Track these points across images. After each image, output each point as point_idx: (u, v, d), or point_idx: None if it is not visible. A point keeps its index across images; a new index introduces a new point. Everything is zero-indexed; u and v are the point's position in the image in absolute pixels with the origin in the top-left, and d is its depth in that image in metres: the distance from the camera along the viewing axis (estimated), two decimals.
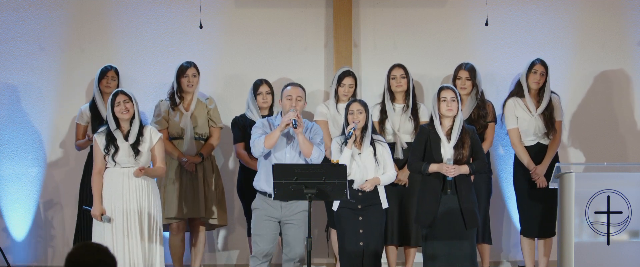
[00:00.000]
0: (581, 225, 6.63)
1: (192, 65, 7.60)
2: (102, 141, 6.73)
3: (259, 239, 6.67)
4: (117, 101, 6.72)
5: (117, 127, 6.73)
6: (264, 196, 6.69)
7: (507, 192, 8.14)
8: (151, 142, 6.79)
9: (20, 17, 8.17)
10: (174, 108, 7.56)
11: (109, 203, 6.69)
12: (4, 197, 8.16)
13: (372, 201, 6.74)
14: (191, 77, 7.56)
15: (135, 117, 6.75)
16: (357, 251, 6.68)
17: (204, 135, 7.61)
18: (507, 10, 8.22)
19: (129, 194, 6.71)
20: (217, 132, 7.67)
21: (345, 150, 6.69)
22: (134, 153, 6.71)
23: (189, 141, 7.51)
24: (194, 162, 7.47)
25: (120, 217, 6.67)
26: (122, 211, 6.68)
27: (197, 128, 7.56)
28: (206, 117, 7.62)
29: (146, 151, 6.77)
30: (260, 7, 8.21)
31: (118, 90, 6.83)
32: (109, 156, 6.71)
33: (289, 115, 6.54)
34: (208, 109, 7.64)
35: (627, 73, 8.25)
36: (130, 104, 6.72)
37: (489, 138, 7.55)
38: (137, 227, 6.68)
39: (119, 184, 6.71)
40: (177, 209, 7.42)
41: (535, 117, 7.50)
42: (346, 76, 7.48)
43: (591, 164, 8.05)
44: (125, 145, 6.72)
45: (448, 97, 6.70)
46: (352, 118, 6.73)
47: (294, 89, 6.73)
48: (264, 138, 6.56)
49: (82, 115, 7.64)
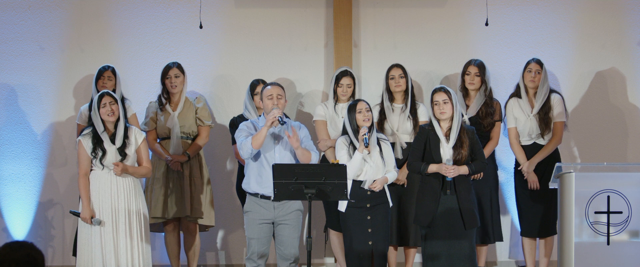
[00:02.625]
0: (581, 225, 6.63)
1: (175, 66, 7.59)
2: (88, 144, 6.71)
3: (253, 242, 6.67)
4: (103, 103, 6.71)
5: (104, 130, 6.73)
6: (255, 197, 6.68)
7: (507, 192, 8.14)
8: (136, 143, 6.80)
9: (20, 17, 8.17)
10: (162, 109, 7.56)
11: (98, 204, 6.70)
12: (4, 197, 8.16)
13: (381, 199, 6.76)
14: (173, 78, 7.55)
15: (121, 120, 6.75)
16: (366, 250, 6.69)
17: (191, 134, 7.60)
18: (507, 10, 8.22)
19: (118, 194, 6.72)
20: (206, 130, 7.65)
21: (356, 154, 6.68)
22: (121, 156, 6.71)
23: (176, 141, 7.51)
24: (179, 161, 7.47)
25: (109, 218, 6.68)
26: (110, 211, 6.69)
27: (184, 128, 7.55)
28: (194, 116, 7.61)
29: (132, 153, 6.78)
30: (260, 7, 8.21)
31: (104, 92, 6.82)
32: (96, 159, 6.70)
33: (273, 113, 6.54)
34: (196, 108, 7.62)
35: (627, 73, 8.25)
36: (116, 105, 6.72)
37: (495, 137, 7.56)
38: (126, 227, 6.69)
39: (107, 185, 6.71)
40: (162, 208, 7.42)
41: (530, 118, 7.51)
42: (344, 76, 7.47)
43: (591, 164, 8.05)
44: (112, 148, 6.72)
45: (440, 100, 6.69)
46: (362, 117, 6.73)
47: (274, 88, 6.72)
48: (251, 139, 6.55)
49: (82, 116, 7.63)
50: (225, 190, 8.09)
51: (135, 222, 6.75)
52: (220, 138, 8.09)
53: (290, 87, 8.12)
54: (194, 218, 7.51)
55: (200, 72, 8.13)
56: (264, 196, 6.62)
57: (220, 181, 8.11)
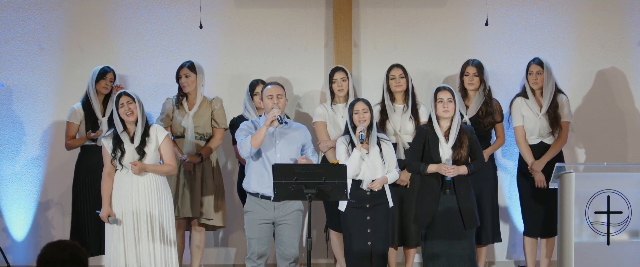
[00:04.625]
0: (581, 225, 6.63)
1: (186, 66, 7.57)
2: (109, 145, 6.71)
3: (253, 242, 6.68)
4: (121, 102, 6.69)
5: (123, 130, 6.72)
6: (256, 197, 6.69)
7: (507, 192, 8.14)
8: (157, 141, 6.76)
9: (20, 17, 8.17)
10: (179, 107, 7.56)
11: (119, 206, 6.68)
12: (4, 197, 8.16)
13: (380, 200, 6.75)
14: (184, 77, 7.55)
15: (140, 118, 6.74)
16: (365, 250, 6.69)
17: (206, 135, 7.60)
18: (507, 10, 8.22)
19: (138, 195, 6.68)
20: (220, 133, 7.64)
21: (354, 152, 6.69)
22: (140, 155, 6.69)
23: (190, 141, 7.50)
24: (193, 162, 7.46)
25: (130, 220, 6.65)
26: (132, 213, 6.66)
27: (198, 128, 7.54)
28: (210, 117, 7.60)
29: (152, 151, 6.72)
30: (260, 7, 8.21)
31: (122, 91, 6.78)
32: (116, 160, 6.70)
33: (272, 112, 6.55)
34: (212, 109, 7.62)
35: (627, 73, 8.25)
36: (134, 105, 6.70)
37: (500, 136, 7.56)
38: (147, 227, 6.66)
39: (128, 186, 6.68)
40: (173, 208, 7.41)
41: (540, 117, 7.51)
42: (336, 71, 7.50)
43: (591, 164, 8.05)
44: (131, 147, 6.70)
45: (444, 98, 6.69)
46: (358, 118, 6.73)
47: (274, 88, 6.72)
48: (250, 138, 6.56)
49: (75, 114, 7.62)
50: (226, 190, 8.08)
51: (157, 224, 6.70)
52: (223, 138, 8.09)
53: (290, 87, 8.13)
54: (206, 219, 7.51)
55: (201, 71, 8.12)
56: (265, 196, 6.63)
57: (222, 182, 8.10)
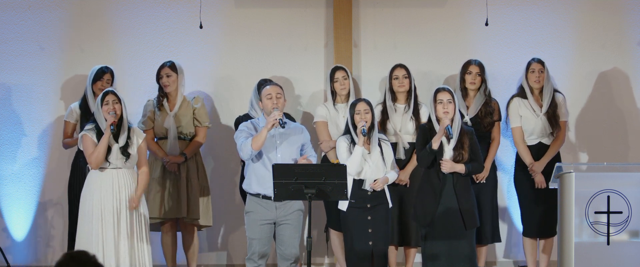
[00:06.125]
0: (581, 225, 6.63)
1: (167, 65, 7.57)
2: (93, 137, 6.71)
3: (254, 243, 6.68)
4: (106, 100, 6.71)
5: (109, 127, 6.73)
6: (257, 198, 6.69)
7: (507, 192, 8.13)
8: (137, 143, 6.80)
9: (20, 17, 8.17)
10: (160, 108, 7.56)
11: (100, 203, 6.69)
12: (4, 197, 8.16)
13: (380, 200, 6.75)
14: (165, 77, 7.55)
15: (123, 119, 6.75)
16: (366, 250, 6.69)
17: (188, 134, 7.58)
18: (507, 10, 8.22)
19: (119, 194, 6.72)
20: (203, 131, 7.63)
21: (356, 149, 6.68)
22: (124, 156, 6.71)
23: (173, 141, 7.50)
24: (176, 162, 7.46)
25: (110, 217, 6.68)
26: (112, 210, 6.68)
27: (181, 128, 7.54)
28: (192, 116, 7.60)
29: (134, 153, 6.78)
30: (260, 7, 8.21)
31: (108, 90, 6.82)
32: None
33: (273, 114, 6.55)
34: (193, 108, 7.62)
35: (627, 73, 8.25)
36: (119, 105, 6.71)
37: (496, 137, 7.55)
38: (126, 226, 6.69)
39: (109, 184, 6.71)
40: (159, 208, 7.42)
41: (540, 117, 7.51)
42: (336, 71, 7.50)
43: (591, 164, 8.05)
44: (116, 146, 6.72)
45: (444, 99, 6.68)
46: (360, 118, 6.73)
47: (273, 88, 6.73)
48: (251, 140, 6.56)
49: (72, 113, 7.63)
50: (227, 190, 8.08)
51: (136, 223, 6.75)
52: (221, 138, 8.09)
53: (290, 87, 8.12)
54: (191, 219, 7.51)
55: (200, 72, 8.13)
56: (266, 196, 6.62)
57: (222, 181, 8.10)
